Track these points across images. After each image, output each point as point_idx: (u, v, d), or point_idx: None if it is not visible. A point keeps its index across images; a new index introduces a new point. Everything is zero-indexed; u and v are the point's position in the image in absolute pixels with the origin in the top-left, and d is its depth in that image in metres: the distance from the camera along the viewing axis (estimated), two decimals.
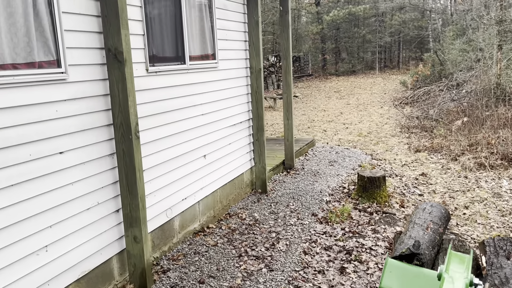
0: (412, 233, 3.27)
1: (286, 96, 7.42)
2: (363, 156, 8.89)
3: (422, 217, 3.56)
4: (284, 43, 7.23)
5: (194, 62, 4.73)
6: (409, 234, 3.26)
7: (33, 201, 2.88)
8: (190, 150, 4.72)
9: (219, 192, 5.43)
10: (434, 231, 3.36)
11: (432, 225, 3.43)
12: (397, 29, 29.15)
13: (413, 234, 3.23)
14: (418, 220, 3.50)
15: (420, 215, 3.61)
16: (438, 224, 3.52)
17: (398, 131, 11.86)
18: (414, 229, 3.33)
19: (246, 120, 6.10)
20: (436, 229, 3.43)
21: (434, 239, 3.25)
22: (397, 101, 17.99)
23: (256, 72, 6.00)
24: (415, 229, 3.32)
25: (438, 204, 3.91)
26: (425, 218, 3.55)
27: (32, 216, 2.87)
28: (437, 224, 3.51)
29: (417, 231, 3.28)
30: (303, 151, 8.73)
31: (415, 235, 3.20)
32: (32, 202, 2.87)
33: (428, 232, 3.30)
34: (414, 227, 3.37)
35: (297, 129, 12.99)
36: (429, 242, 3.14)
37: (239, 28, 5.76)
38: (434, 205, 3.89)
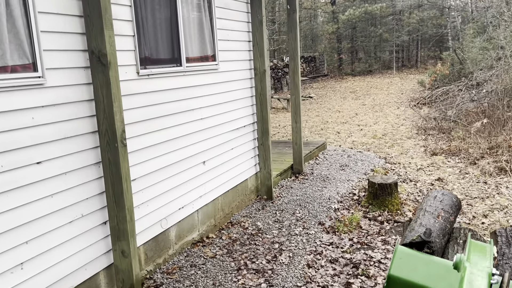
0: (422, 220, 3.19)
1: (294, 98, 7.14)
2: (376, 160, 8.54)
3: (433, 205, 3.47)
4: (292, 43, 6.95)
5: (192, 64, 4.49)
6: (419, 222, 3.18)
7: (5, 215, 2.68)
8: (188, 156, 4.49)
9: (221, 200, 5.19)
10: (445, 220, 3.30)
11: (443, 214, 3.38)
12: (415, 28, 28.50)
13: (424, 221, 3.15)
14: (429, 208, 3.41)
15: (431, 202, 3.53)
16: (449, 213, 3.46)
17: (414, 133, 11.44)
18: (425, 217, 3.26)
19: (250, 123, 5.84)
20: (447, 217, 3.36)
21: (444, 228, 3.20)
22: (414, 102, 17.49)
23: (261, 73, 5.74)
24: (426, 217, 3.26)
25: (449, 192, 3.78)
26: (436, 206, 3.46)
27: (4, 232, 2.67)
28: (448, 213, 3.44)
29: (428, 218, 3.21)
30: (314, 155, 8.43)
31: (426, 222, 3.12)
32: (4, 216, 2.67)
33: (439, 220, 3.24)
34: (424, 215, 3.30)
35: (310, 131, 12.69)
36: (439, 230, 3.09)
37: (242, 28, 5.51)
38: (446, 193, 3.75)
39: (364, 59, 30.45)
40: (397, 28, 27.95)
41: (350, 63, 30.74)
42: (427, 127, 11.89)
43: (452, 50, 23.42)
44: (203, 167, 4.77)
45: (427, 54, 32.35)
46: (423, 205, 3.54)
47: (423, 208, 3.46)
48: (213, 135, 4.94)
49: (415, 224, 3.16)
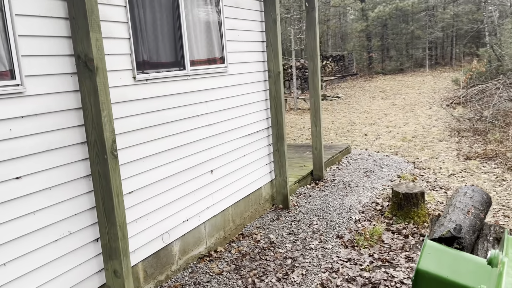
0: (452, 216, 3.19)
1: (313, 100, 6.77)
2: (404, 165, 8.04)
3: (463, 201, 3.48)
4: (311, 42, 6.58)
5: (197, 67, 4.22)
6: (449, 217, 3.17)
7: None
8: (194, 165, 4.21)
9: (231, 211, 4.89)
10: (475, 216, 3.31)
11: (473, 210, 3.36)
12: (449, 23, 27.38)
13: (454, 217, 3.16)
14: (459, 204, 3.42)
15: (461, 198, 3.54)
16: (480, 209, 3.45)
17: (447, 135, 10.80)
18: (455, 213, 3.27)
19: (265, 128, 5.52)
20: (477, 214, 3.35)
21: (474, 224, 3.19)
22: (447, 101, 16.68)
23: (275, 75, 5.40)
24: (456, 213, 3.26)
25: (479, 189, 3.78)
26: (466, 202, 3.47)
27: None
28: (478, 209, 3.43)
29: (458, 214, 3.22)
30: (336, 160, 8.02)
31: (456, 218, 3.12)
32: None
33: (469, 216, 3.25)
34: (454, 211, 3.29)
35: (336, 133, 12.24)
36: (469, 226, 3.09)
37: (254, 28, 5.19)
38: (476, 189, 3.75)
39: (395, 57, 29.53)
40: (430, 24, 26.93)
41: (381, 61, 29.87)
42: (461, 129, 11.21)
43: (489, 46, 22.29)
44: (211, 176, 4.48)
45: (462, 51, 31.07)
46: (453, 200, 3.51)
47: (452, 204, 3.42)
48: (222, 142, 4.65)
49: (444, 219, 3.14)
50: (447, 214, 3.27)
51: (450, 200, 3.59)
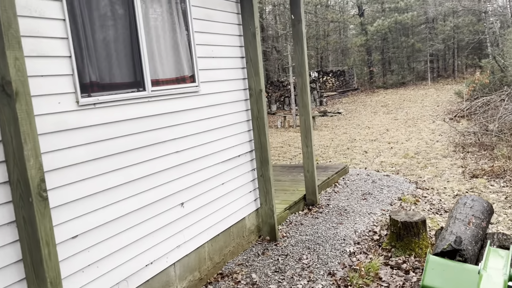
0: (453, 228, 3.16)
1: (303, 119, 6.25)
2: (405, 185, 7.46)
3: (463, 212, 3.41)
4: (299, 57, 6.10)
5: (161, 87, 3.73)
6: (450, 230, 3.15)
7: None
8: (158, 199, 3.68)
9: (208, 247, 4.34)
10: (477, 226, 3.23)
11: (474, 220, 3.30)
12: (449, 35, 26.98)
13: (454, 229, 3.13)
14: (459, 215, 3.37)
15: (461, 210, 3.47)
16: (481, 219, 3.37)
17: (451, 151, 10.23)
18: (455, 225, 3.22)
19: (247, 152, 5.00)
20: (479, 223, 3.28)
21: (477, 234, 3.12)
22: (451, 114, 16.13)
23: (256, 94, 4.90)
24: (456, 225, 3.21)
25: (479, 198, 3.68)
26: (466, 213, 3.40)
27: None
28: (480, 219, 3.36)
29: (459, 226, 3.18)
30: (332, 181, 7.46)
31: (457, 230, 3.09)
32: None
33: (470, 227, 3.19)
34: (455, 222, 3.24)
35: (335, 151, 11.69)
36: (471, 237, 3.02)
37: (231, 43, 4.72)
38: (476, 199, 3.65)
39: (396, 70, 29.11)
40: (430, 36, 26.55)
41: (382, 75, 29.45)
42: (466, 144, 10.63)
43: (491, 57, 21.81)
44: (181, 210, 3.94)
45: (464, 63, 30.62)
46: (453, 212, 3.43)
47: (453, 216, 3.36)
48: (195, 170, 4.13)
49: (446, 232, 3.12)
50: (448, 227, 3.17)
51: (451, 212, 3.46)
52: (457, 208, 3.58)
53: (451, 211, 3.71)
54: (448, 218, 3.46)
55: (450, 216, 3.47)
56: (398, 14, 25.17)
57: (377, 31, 25.47)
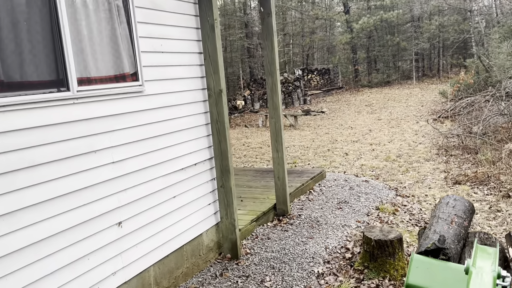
0: (436, 227, 3.18)
1: (274, 122, 5.72)
2: (385, 192, 7.00)
3: (446, 211, 3.45)
4: (269, 54, 5.57)
5: (91, 87, 3.16)
6: (433, 229, 3.16)
7: None
8: (88, 219, 3.12)
9: (154, 271, 3.79)
10: (459, 225, 3.29)
11: (457, 219, 3.36)
12: (435, 34, 26.72)
13: (438, 228, 3.15)
14: (442, 215, 3.40)
15: (443, 209, 3.50)
16: (463, 218, 3.43)
17: (434, 154, 9.83)
18: (439, 224, 3.24)
19: (206, 160, 4.45)
20: (461, 223, 3.34)
21: (459, 233, 3.18)
22: (435, 115, 15.80)
23: (216, 94, 4.36)
24: (439, 224, 3.24)
25: (461, 198, 3.74)
26: (449, 212, 3.44)
27: None
28: (462, 218, 3.42)
29: (442, 225, 3.21)
30: (307, 188, 6.95)
31: (440, 229, 3.11)
32: None
33: (453, 226, 3.23)
34: (438, 222, 3.27)
35: (315, 152, 11.21)
36: (454, 236, 3.07)
37: (186, 36, 4.16)
38: (458, 198, 3.71)
39: (381, 69, 28.79)
40: (415, 35, 26.25)
41: (367, 74, 29.11)
42: (449, 146, 10.24)
43: (476, 57, 21.59)
44: (119, 230, 3.39)
45: (449, 62, 30.45)
46: (436, 212, 3.44)
47: (436, 215, 3.37)
48: (138, 183, 3.57)
49: (429, 231, 3.10)
50: (432, 226, 3.17)
51: (434, 212, 3.45)
52: (440, 207, 3.59)
53: (433, 210, 3.71)
54: (431, 217, 3.46)
55: (433, 216, 3.46)
56: (383, 12, 24.79)
57: (362, 29, 25.07)
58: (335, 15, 25.95)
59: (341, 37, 27.17)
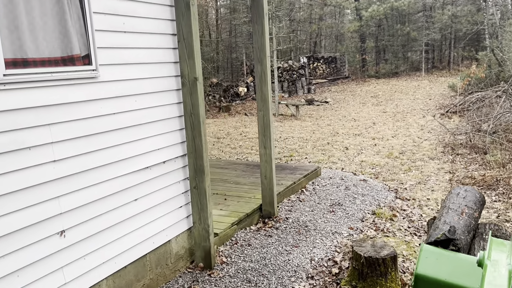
0: (446, 218, 3.12)
1: (262, 115, 5.17)
2: (383, 193, 6.46)
3: (456, 202, 3.39)
4: (258, 39, 4.98)
5: (26, 70, 2.62)
6: (443, 220, 3.09)
7: None
8: (18, 228, 2.61)
9: (107, 285, 3.29)
10: (469, 216, 3.24)
11: (467, 210, 3.28)
12: (447, 25, 25.79)
13: (448, 219, 3.09)
14: (452, 205, 3.33)
15: (454, 200, 3.45)
16: (473, 209, 3.37)
17: (439, 152, 9.24)
18: (449, 214, 3.18)
19: (178, 157, 3.92)
20: (471, 213, 3.28)
21: (469, 224, 3.13)
22: (443, 109, 15.13)
23: (190, 83, 3.80)
24: (450, 214, 3.18)
25: (472, 188, 3.67)
26: (459, 203, 3.38)
27: None
28: (472, 209, 3.35)
29: (452, 216, 3.15)
30: (299, 186, 6.42)
31: (450, 220, 3.06)
32: None
33: (463, 217, 3.17)
34: (448, 212, 3.21)
35: (313, 145, 10.65)
36: (464, 227, 3.03)
37: (156, 14, 3.60)
38: (468, 189, 3.66)
39: (390, 60, 27.96)
40: (426, 25, 25.35)
41: (375, 64, 28.29)
42: (456, 144, 9.64)
43: (489, 50, 20.77)
44: (61, 240, 2.88)
45: (461, 55, 29.54)
46: (446, 202, 3.43)
47: (446, 206, 3.37)
48: (88, 184, 3.05)
49: (439, 222, 3.09)
50: (442, 217, 3.17)
51: (444, 202, 3.49)
52: (450, 198, 3.57)
53: (444, 201, 3.71)
54: (441, 208, 3.46)
55: (443, 206, 3.46)
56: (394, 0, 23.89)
57: (372, 17, 24.22)
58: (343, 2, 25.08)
59: (349, 25, 26.31)
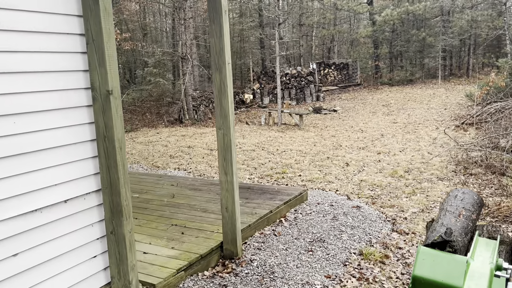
0: (444, 220, 3.11)
1: (221, 134, 4.24)
2: (377, 225, 5.46)
3: (454, 204, 3.38)
4: (216, 41, 4.07)
5: None
6: (441, 222, 3.08)
7: None
8: None
9: None
10: (467, 218, 3.24)
11: (465, 212, 3.29)
12: (465, 30, 24.47)
13: (445, 221, 3.08)
14: (450, 208, 3.33)
15: (451, 202, 3.43)
16: (471, 211, 3.35)
17: (450, 171, 8.17)
18: (446, 217, 3.18)
19: (88, 193, 3.03)
20: (469, 215, 3.27)
21: (466, 226, 3.13)
22: (458, 120, 13.96)
23: (102, 97, 2.91)
24: (447, 217, 3.18)
25: (470, 191, 3.50)
26: (457, 205, 3.37)
27: None
28: (470, 211, 3.33)
29: (449, 218, 3.16)
30: (278, 215, 5.47)
31: (447, 222, 3.05)
32: None
33: (461, 219, 3.19)
34: (446, 215, 3.21)
35: (312, 160, 9.67)
36: (461, 229, 3.03)
37: (53, 8, 2.73)
38: (466, 191, 3.50)
39: (405, 66, 26.71)
40: (443, 30, 24.09)
41: (388, 71, 27.08)
42: (470, 162, 8.54)
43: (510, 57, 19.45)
44: None
45: (480, 61, 28.11)
46: (444, 205, 3.49)
47: (444, 208, 3.43)
48: None
49: (437, 224, 3.16)
50: (439, 219, 3.15)
51: (442, 205, 3.44)
52: (448, 200, 3.55)
53: (442, 203, 3.63)
54: (439, 210, 3.44)
55: (441, 209, 3.44)
56: (409, 3, 22.70)
57: (385, 22, 23.07)
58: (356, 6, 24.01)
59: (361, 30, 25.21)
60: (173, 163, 9.96)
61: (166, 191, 6.39)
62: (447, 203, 3.51)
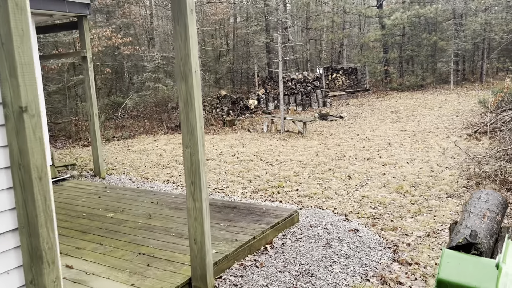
0: (468, 222, 3.12)
1: (189, 153, 3.62)
2: (376, 253, 4.80)
3: (478, 206, 3.33)
4: (181, 45, 3.47)
5: None
6: (465, 224, 3.09)
7: None
8: None
9: None
10: (491, 220, 3.21)
11: (489, 214, 3.25)
12: (479, 34, 23.60)
13: (469, 223, 3.08)
14: (474, 209, 3.29)
15: (475, 204, 3.38)
16: (495, 212, 3.31)
17: (461, 185, 7.47)
18: (470, 218, 3.18)
19: (3, 233, 2.44)
20: (493, 217, 3.23)
21: (491, 228, 3.10)
22: (471, 129, 13.18)
23: (15, 115, 2.33)
24: (471, 218, 3.18)
25: (494, 192, 3.49)
26: (481, 207, 3.33)
27: None
28: (494, 212, 3.29)
29: (473, 220, 3.14)
30: (262, 242, 4.83)
31: (471, 224, 3.06)
32: None
33: (485, 220, 3.16)
34: (470, 216, 3.19)
35: (312, 172, 9.02)
36: (486, 231, 2.99)
37: None
38: (490, 192, 3.44)
39: (416, 71, 25.89)
40: (456, 34, 23.24)
41: (399, 76, 26.28)
42: (483, 177, 7.82)
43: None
44: None
45: (495, 66, 27.16)
46: (468, 206, 3.47)
47: (467, 210, 3.40)
48: None
49: (460, 226, 3.15)
50: (463, 221, 3.13)
51: (465, 206, 3.38)
52: (471, 202, 3.41)
53: (465, 205, 3.56)
54: (463, 212, 3.33)
55: (465, 210, 3.34)
56: (419, 6, 21.94)
57: (395, 25, 22.32)
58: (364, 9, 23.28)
59: (370, 34, 24.49)
60: (164, 174, 9.38)
61: (143, 210, 5.80)
62: (470, 204, 3.51)
